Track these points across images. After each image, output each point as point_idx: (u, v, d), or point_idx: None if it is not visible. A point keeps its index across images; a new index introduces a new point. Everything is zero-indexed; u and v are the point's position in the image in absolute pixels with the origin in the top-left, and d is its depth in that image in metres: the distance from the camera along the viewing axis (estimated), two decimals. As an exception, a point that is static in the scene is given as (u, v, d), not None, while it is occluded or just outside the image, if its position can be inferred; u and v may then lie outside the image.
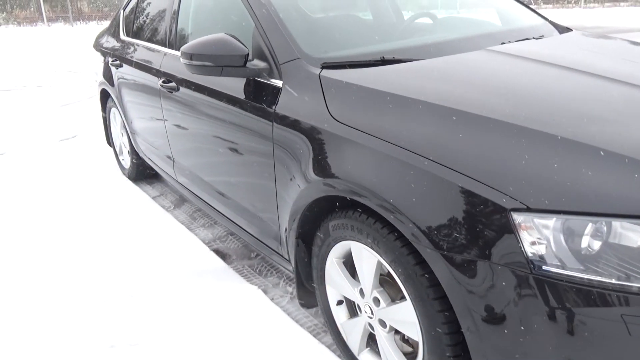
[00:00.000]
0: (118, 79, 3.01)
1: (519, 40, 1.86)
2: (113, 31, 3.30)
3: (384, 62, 1.60)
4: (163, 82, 2.29)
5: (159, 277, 2.17)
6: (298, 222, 1.55)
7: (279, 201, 1.67)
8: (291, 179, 1.55)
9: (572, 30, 2.20)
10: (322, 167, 1.40)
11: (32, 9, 28.29)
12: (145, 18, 2.81)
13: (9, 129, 5.02)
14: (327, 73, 1.52)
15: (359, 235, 1.34)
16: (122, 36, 3.08)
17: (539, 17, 2.35)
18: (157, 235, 2.55)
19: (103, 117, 3.64)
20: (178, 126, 2.31)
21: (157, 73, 2.40)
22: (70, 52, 12.37)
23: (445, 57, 1.62)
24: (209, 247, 2.44)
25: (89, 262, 2.31)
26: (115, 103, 3.23)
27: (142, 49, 2.69)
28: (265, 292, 2.03)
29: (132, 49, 2.84)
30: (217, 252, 2.41)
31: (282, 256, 1.79)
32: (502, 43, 1.82)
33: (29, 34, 20.62)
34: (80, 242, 2.51)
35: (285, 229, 1.67)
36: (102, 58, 3.36)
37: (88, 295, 2.05)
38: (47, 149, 4.24)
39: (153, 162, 2.90)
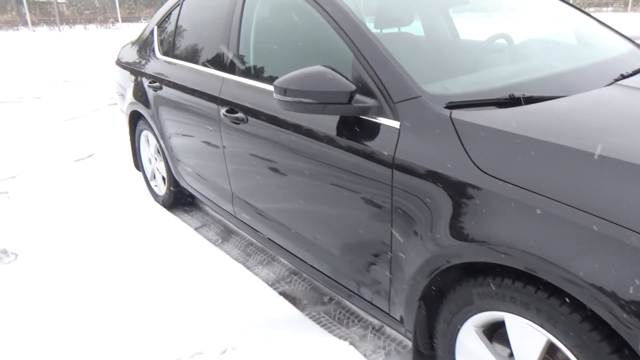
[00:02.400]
0: (157, 101, 2.79)
1: (637, 72, 1.71)
2: (144, 49, 3.07)
3: (512, 99, 1.43)
4: (227, 111, 2.08)
5: (231, 328, 1.96)
6: (425, 285, 1.37)
7: (394, 257, 1.48)
8: (417, 236, 1.37)
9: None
10: (469, 227, 1.22)
11: (13, 12, 27.58)
12: (190, 38, 2.59)
13: (14, 146, 4.72)
14: (459, 115, 1.34)
15: (521, 310, 1.17)
16: (159, 55, 2.85)
17: (624, 39, 2.20)
18: (214, 275, 2.35)
19: (131, 139, 3.40)
20: (243, 160, 2.11)
21: (215, 100, 2.19)
22: (62, 59, 11.99)
23: (582, 94, 1.46)
24: (274, 289, 2.24)
25: (142, 310, 2.10)
26: (150, 127, 3.00)
27: (190, 72, 2.47)
28: (354, 345, 1.85)
29: (174, 70, 2.62)
30: (285, 295, 2.21)
31: (388, 314, 1.61)
32: (621, 75, 1.66)
33: (13, 39, 20.03)
34: (126, 284, 2.29)
35: (400, 287, 1.49)
36: (131, 77, 3.14)
37: (152, 356, 1.84)
38: (62, 171, 3.98)
39: (199, 192, 2.68)
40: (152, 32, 3.00)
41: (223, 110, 2.11)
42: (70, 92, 7.64)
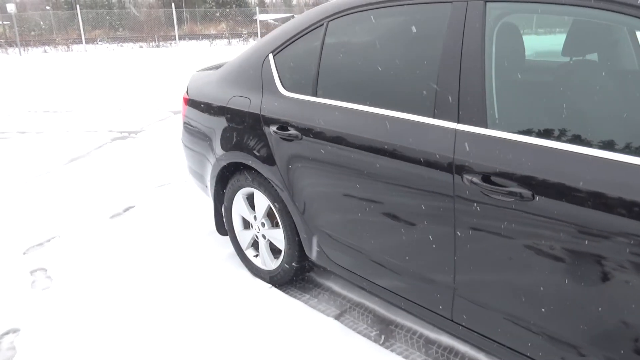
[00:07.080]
0: (291, 155, 2.08)
1: None
2: (247, 84, 2.34)
3: None
4: (483, 179, 1.43)
5: None
6: None
7: None
8: None
9: None
10: None
11: (-41, 34, 25.60)
12: (357, 72, 1.92)
13: (22, 197, 3.78)
14: None
15: None
16: (285, 92, 2.15)
17: None
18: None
19: (215, 196, 2.64)
20: (502, 253, 1.45)
21: (446, 166, 1.52)
22: (32, 86, 10.77)
23: None
24: None
25: None
26: (260, 184, 2.28)
27: (365, 118, 1.80)
28: None
29: (328, 114, 1.93)
30: None
31: None
32: None
33: (-37, 62, 18.26)
34: None
35: None
36: (226, 119, 2.40)
37: None
38: (101, 232, 3.13)
39: (368, 279, 1.97)
40: (265, 62, 2.28)
41: (475, 179, 1.45)
42: (58, 124, 6.63)
